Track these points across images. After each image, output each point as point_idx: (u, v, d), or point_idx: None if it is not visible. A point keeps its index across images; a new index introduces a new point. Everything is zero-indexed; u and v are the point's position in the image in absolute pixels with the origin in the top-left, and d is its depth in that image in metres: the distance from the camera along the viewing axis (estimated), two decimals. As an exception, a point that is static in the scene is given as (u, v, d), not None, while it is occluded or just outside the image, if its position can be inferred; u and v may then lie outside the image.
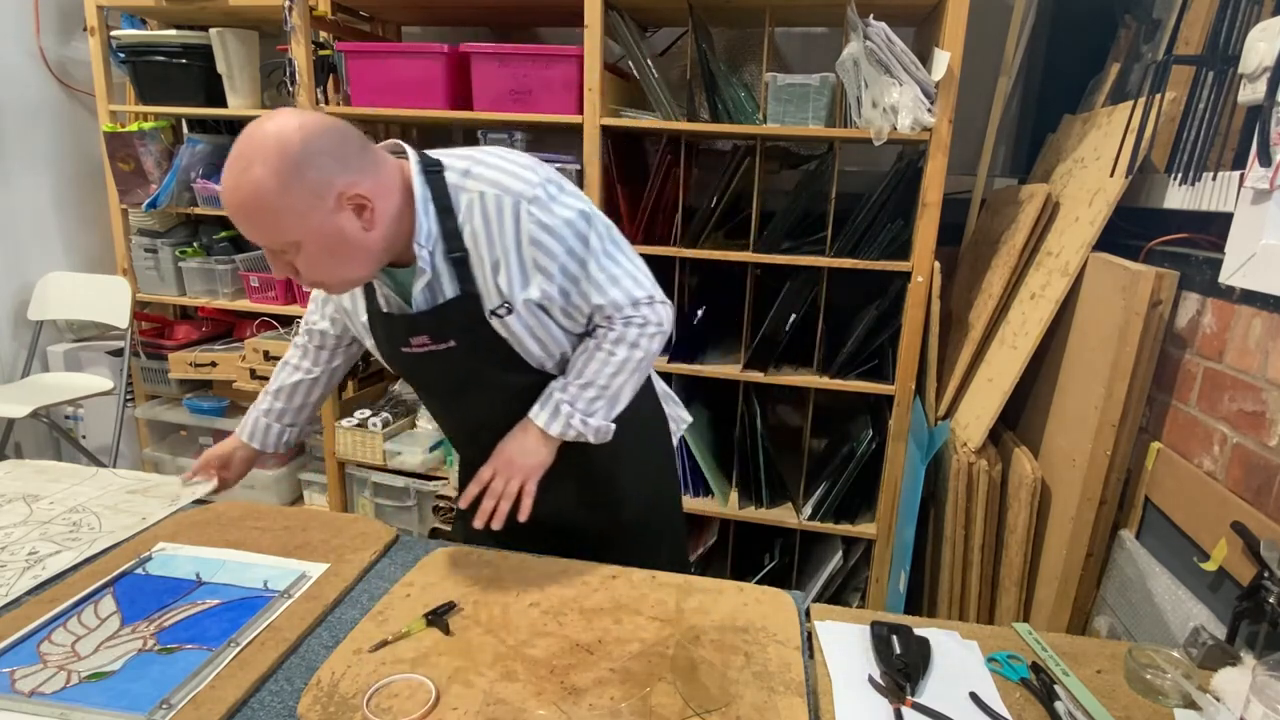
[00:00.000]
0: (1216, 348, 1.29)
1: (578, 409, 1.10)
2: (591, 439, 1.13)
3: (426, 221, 1.02)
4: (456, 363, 1.12)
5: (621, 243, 1.11)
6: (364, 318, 1.16)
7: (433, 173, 1.04)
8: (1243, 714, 0.82)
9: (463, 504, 1.15)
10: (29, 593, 1.03)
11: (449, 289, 1.06)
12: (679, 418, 1.43)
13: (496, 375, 1.12)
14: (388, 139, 1.10)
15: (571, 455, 1.17)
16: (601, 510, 1.27)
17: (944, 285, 1.86)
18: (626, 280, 1.09)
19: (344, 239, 0.97)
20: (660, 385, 1.40)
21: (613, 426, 1.14)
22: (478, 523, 1.11)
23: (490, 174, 1.03)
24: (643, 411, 1.31)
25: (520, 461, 1.11)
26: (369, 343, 1.20)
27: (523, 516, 1.11)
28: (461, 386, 1.16)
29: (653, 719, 0.84)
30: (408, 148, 1.06)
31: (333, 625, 1.00)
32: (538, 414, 1.11)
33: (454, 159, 1.06)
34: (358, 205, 0.96)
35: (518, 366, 1.11)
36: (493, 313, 1.06)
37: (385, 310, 1.12)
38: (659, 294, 1.13)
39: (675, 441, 1.40)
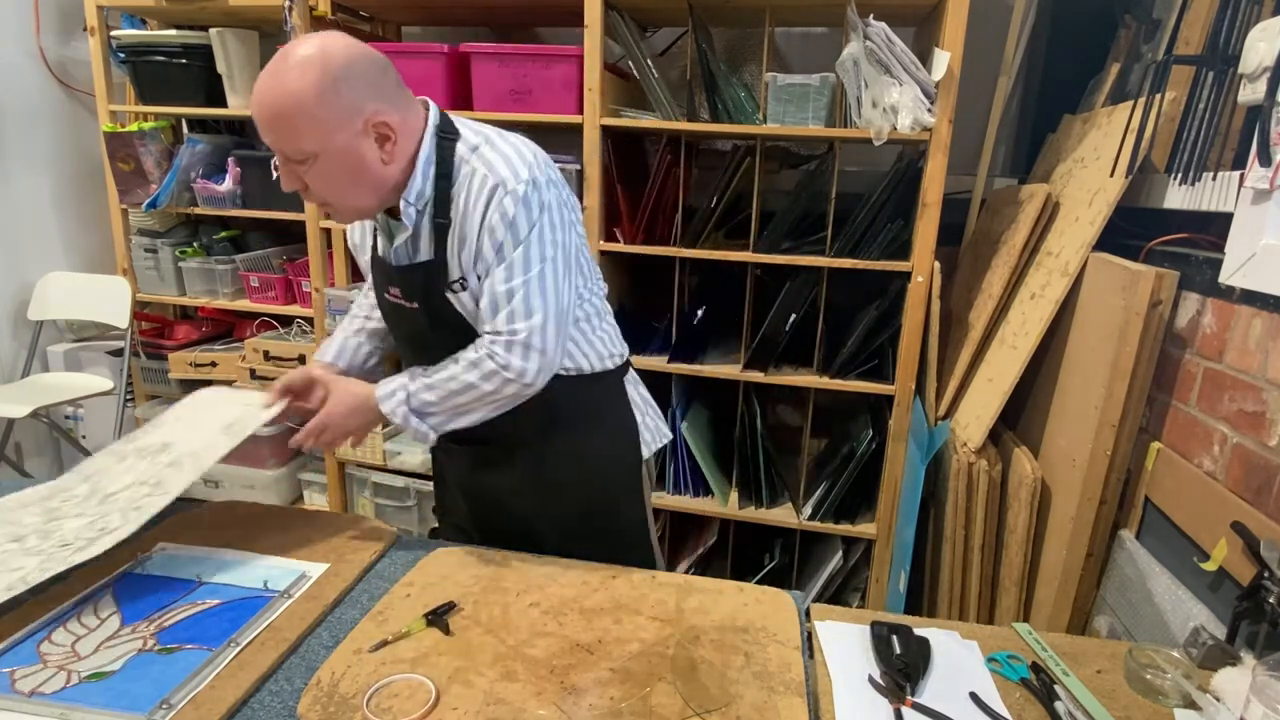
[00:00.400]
0: (1216, 348, 1.29)
1: (411, 404, 1.10)
2: (410, 436, 1.13)
3: (421, 181, 1.05)
4: (418, 322, 1.14)
5: (550, 277, 1.06)
6: (367, 256, 1.19)
7: (446, 138, 1.06)
8: (1243, 714, 0.82)
9: (292, 444, 1.16)
10: (31, 592, 1.03)
11: (425, 252, 1.09)
12: (657, 430, 1.34)
13: (452, 341, 1.12)
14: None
15: (529, 449, 1.20)
16: (554, 508, 1.25)
17: (944, 285, 1.86)
18: (517, 304, 1.04)
19: (362, 164, 1.00)
20: (639, 393, 1.33)
21: (434, 437, 1.12)
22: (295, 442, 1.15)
23: (491, 155, 1.05)
24: (606, 418, 1.27)
25: (342, 423, 1.13)
26: (369, 280, 1.24)
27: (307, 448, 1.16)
28: (420, 345, 1.18)
29: (653, 719, 0.84)
30: (433, 106, 1.08)
31: (333, 625, 1.00)
32: (381, 384, 1.12)
33: (472, 133, 1.08)
34: (381, 135, 1.00)
35: (472, 338, 1.11)
36: (449, 285, 1.08)
37: (379, 254, 1.15)
38: (541, 345, 1.05)
39: (647, 454, 1.31)
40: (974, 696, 0.90)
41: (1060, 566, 1.53)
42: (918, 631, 1.01)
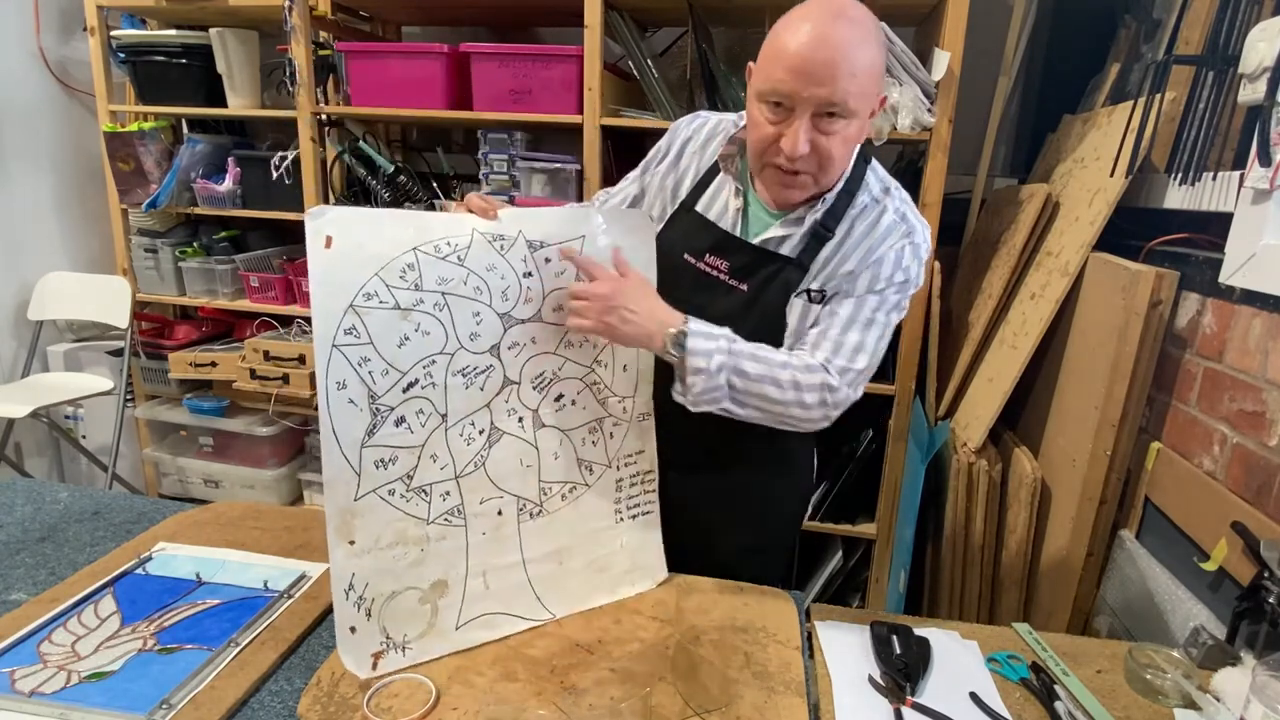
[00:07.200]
0: (1216, 348, 1.29)
1: (722, 358, 0.96)
2: (694, 392, 0.98)
3: (832, 193, 1.05)
4: (731, 303, 1.08)
5: (888, 334, 1.09)
6: (673, 207, 1.14)
7: (863, 160, 1.08)
8: (1243, 714, 0.82)
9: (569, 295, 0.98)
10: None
11: (789, 248, 1.06)
12: (810, 489, 1.38)
13: (747, 335, 1.06)
14: (386, 138, 1.07)
15: (717, 464, 1.17)
16: (719, 524, 1.23)
17: (944, 285, 1.86)
18: (868, 342, 1.05)
19: (860, 136, 1.00)
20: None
21: (725, 404, 1.00)
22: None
23: (905, 209, 1.07)
24: (797, 463, 1.28)
25: (625, 307, 0.95)
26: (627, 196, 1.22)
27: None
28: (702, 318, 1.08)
29: (653, 719, 0.84)
30: None
31: (333, 625, 1.00)
32: (698, 326, 0.98)
33: (880, 168, 1.10)
34: (872, 113, 1.00)
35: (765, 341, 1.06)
36: (809, 294, 1.07)
37: (704, 214, 1.10)
38: (856, 392, 1.06)
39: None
40: (974, 696, 0.90)
41: (1060, 566, 1.53)
42: (918, 631, 1.01)
